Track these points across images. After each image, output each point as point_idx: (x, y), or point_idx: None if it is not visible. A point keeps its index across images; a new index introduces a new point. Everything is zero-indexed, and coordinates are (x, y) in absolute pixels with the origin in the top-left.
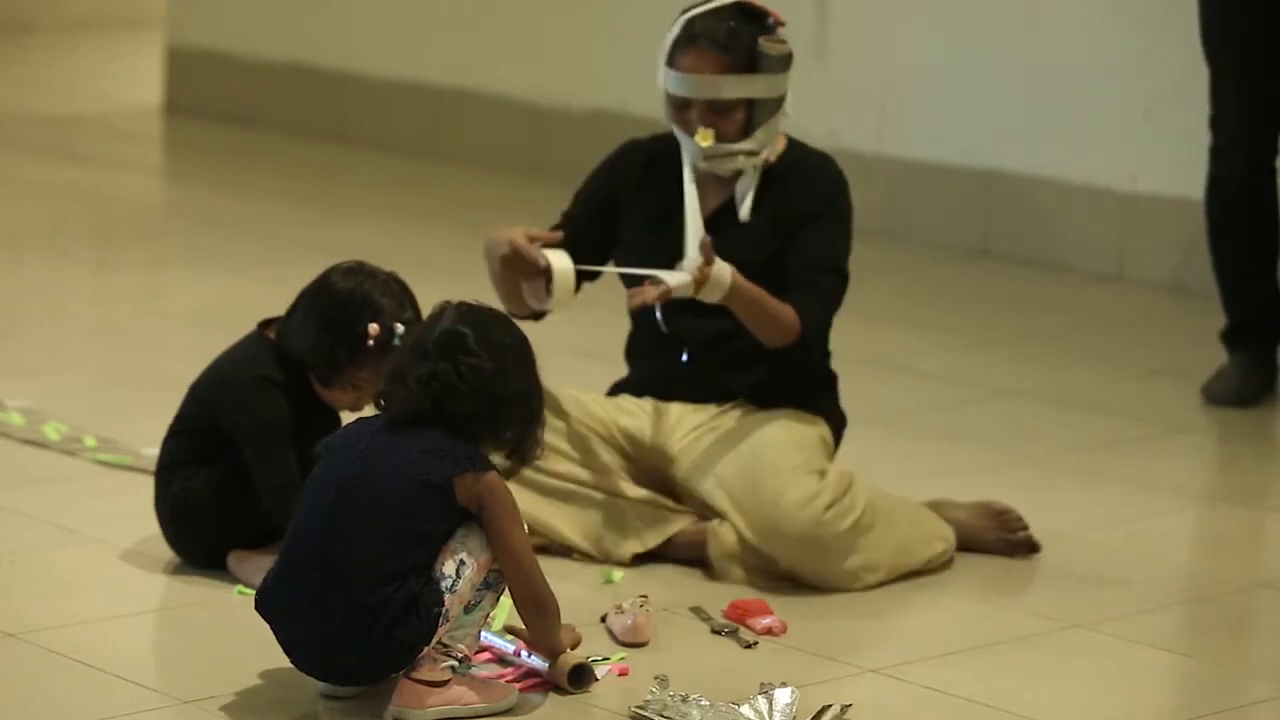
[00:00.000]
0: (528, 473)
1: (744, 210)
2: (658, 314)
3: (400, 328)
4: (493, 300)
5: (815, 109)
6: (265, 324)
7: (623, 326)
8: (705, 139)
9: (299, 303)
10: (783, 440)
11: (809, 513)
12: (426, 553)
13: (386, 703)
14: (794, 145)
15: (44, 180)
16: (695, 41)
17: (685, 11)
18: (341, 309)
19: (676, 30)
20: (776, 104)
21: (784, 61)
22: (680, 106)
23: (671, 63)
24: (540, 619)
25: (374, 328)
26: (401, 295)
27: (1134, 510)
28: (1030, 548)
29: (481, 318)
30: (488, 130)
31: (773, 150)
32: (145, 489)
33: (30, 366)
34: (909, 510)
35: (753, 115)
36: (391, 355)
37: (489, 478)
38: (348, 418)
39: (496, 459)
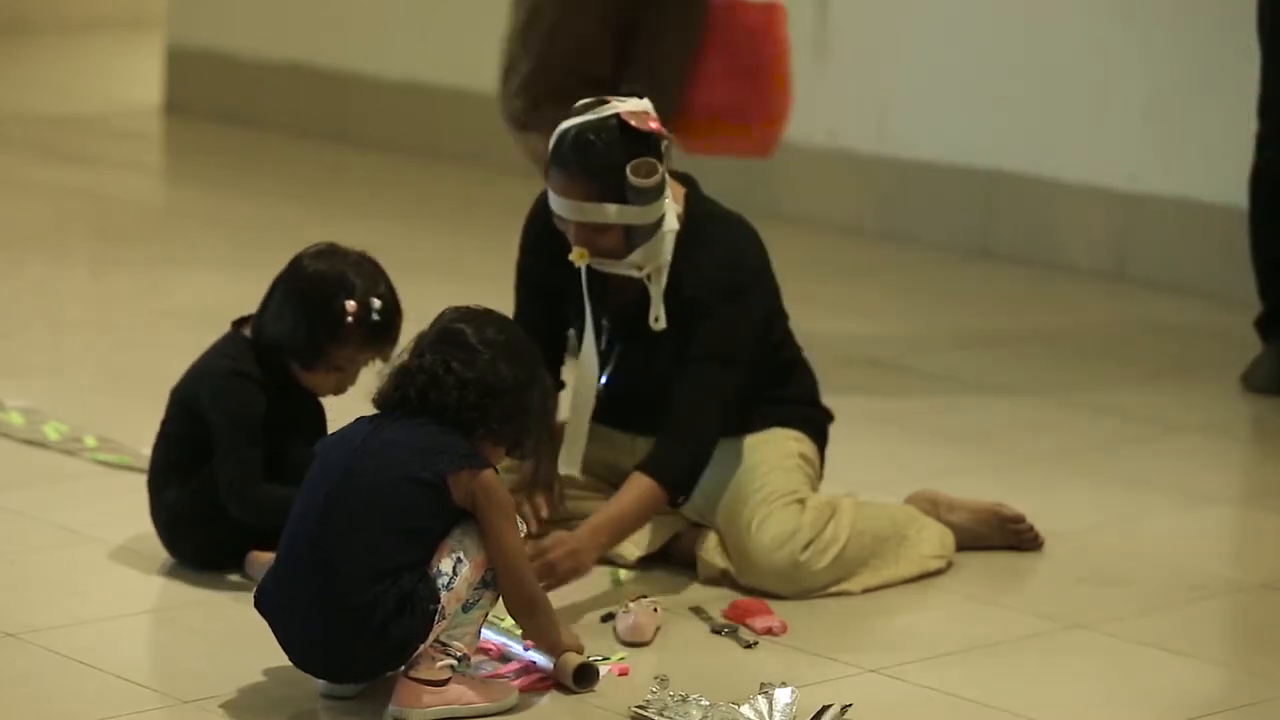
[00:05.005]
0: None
1: (658, 320)
2: (601, 380)
3: (377, 302)
4: (495, 303)
5: (815, 109)
6: (239, 322)
7: None
8: (580, 257)
9: (272, 291)
10: (759, 464)
11: (785, 553)
12: (421, 550)
13: (386, 702)
14: (694, 219)
15: (44, 180)
16: (566, 165)
17: (570, 114)
18: (316, 289)
19: (553, 140)
20: (655, 225)
21: (654, 193)
22: (560, 218)
23: (549, 175)
24: (531, 619)
25: (351, 304)
26: (375, 273)
27: (1134, 510)
28: (1036, 541)
29: (479, 316)
30: (488, 130)
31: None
32: (145, 489)
33: (30, 366)
34: (902, 529)
35: (630, 236)
36: (379, 340)
37: (484, 475)
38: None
39: (506, 467)
